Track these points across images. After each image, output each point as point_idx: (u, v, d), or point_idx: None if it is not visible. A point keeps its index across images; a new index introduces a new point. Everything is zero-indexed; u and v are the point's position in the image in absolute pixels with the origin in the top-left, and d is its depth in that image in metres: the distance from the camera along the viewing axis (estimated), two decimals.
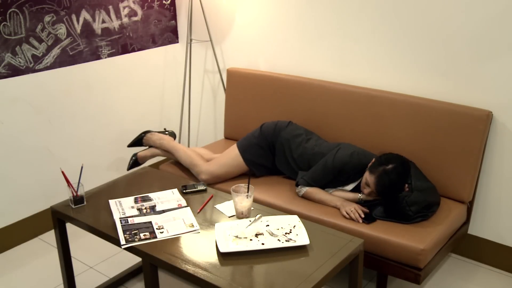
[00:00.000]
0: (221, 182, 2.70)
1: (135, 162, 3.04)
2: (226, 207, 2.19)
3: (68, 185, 2.20)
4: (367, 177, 2.34)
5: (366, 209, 2.35)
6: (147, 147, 3.05)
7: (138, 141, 3.05)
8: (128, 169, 3.04)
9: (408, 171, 2.32)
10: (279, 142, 2.69)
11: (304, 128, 2.75)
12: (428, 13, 2.54)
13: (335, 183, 2.52)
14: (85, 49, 3.10)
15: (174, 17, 3.61)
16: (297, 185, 2.54)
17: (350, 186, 2.50)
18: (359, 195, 2.42)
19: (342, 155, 2.47)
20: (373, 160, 2.38)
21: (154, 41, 3.51)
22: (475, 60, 2.46)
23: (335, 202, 2.41)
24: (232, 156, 2.73)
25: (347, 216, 2.32)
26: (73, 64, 3.06)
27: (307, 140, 2.65)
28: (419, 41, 2.60)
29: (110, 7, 3.18)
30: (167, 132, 3.05)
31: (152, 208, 2.17)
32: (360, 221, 2.29)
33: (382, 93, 2.67)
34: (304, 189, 2.50)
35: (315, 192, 2.48)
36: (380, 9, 2.68)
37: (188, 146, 3.73)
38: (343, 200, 2.41)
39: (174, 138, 3.02)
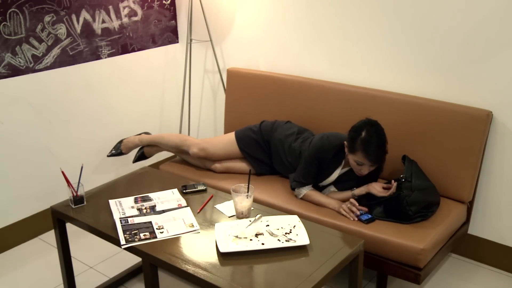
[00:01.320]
0: (212, 161, 2.76)
1: (141, 155, 3.06)
2: (226, 207, 2.19)
3: (68, 185, 2.20)
4: (353, 158, 2.31)
5: (364, 208, 2.34)
6: (148, 155, 3.10)
7: (120, 153, 3.06)
8: (134, 161, 3.09)
9: (378, 123, 2.32)
10: (273, 142, 2.70)
11: (298, 127, 2.75)
12: (428, 13, 2.54)
13: (323, 175, 2.51)
14: (85, 49, 3.10)
15: (174, 17, 3.61)
16: (292, 189, 2.54)
17: (336, 173, 2.49)
18: (352, 192, 2.43)
19: (314, 142, 2.50)
20: (345, 143, 2.36)
21: (154, 41, 3.51)
22: (475, 60, 2.46)
23: (333, 204, 2.40)
24: (227, 139, 2.78)
25: (346, 216, 2.32)
26: (73, 64, 3.06)
27: (296, 140, 2.65)
28: (419, 41, 2.60)
29: (110, 7, 3.18)
30: (141, 133, 3.09)
31: (152, 208, 2.17)
32: (356, 218, 2.29)
33: (382, 93, 2.67)
34: (302, 192, 2.49)
35: (313, 194, 2.47)
36: (380, 9, 2.68)
37: None
38: (340, 202, 2.40)
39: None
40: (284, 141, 2.66)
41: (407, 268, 2.16)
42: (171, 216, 2.11)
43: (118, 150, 3.03)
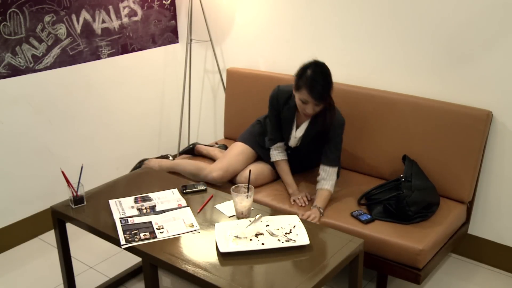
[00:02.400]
0: (233, 177, 2.66)
1: (191, 150, 3.06)
2: (226, 207, 2.19)
3: (68, 185, 2.20)
4: (298, 96, 2.37)
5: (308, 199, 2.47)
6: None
7: (189, 150, 3.07)
8: (181, 153, 3.10)
9: (325, 64, 2.38)
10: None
11: None
12: (428, 13, 2.54)
13: (286, 128, 2.57)
14: (85, 49, 3.10)
15: (174, 17, 3.61)
16: (267, 148, 2.65)
17: (300, 130, 2.54)
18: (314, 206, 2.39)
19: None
20: (293, 84, 2.42)
21: (154, 41, 3.51)
22: (475, 60, 2.46)
23: (290, 188, 2.54)
24: (237, 148, 2.74)
25: (293, 203, 2.47)
26: (73, 64, 3.06)
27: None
28: (418, 41, 2.60)
29: (110, 7, 3.18)
30: (216, 146, 3.06)
31: (152, 208, 2.17)
32: (305, 204, 2.44)
33: (382, 93, 2.67)
34: (273, 155, 2.62)
35: (282, 167, 2.61)
36: (380, 8, 2.68)
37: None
38: (296, 189, 2.53)
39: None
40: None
41: (407, 268, 2.16)
42: (171, 216, 2.11)
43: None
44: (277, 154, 2.62)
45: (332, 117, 2.43)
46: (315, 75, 2.32)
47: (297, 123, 2.56)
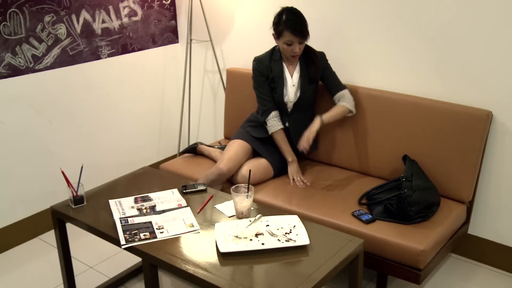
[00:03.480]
0: (232, 177, 2.66)
1: (193, 149, 3.07)
2: (226, 207, 2.19)
3: (68, 185, 2.20)
4: (282, 41, 2.56)
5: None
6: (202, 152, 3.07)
7: (191, 149, 3.08)
8: (183, 152, 3.10)
9: (292, 6, 2.58)
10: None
11: None
12: (428, 13, 2.53)
13: (279, 83, 2.65)
14: (85, 49, 3.10)
15: (174, 17, 3.61)
16: (264, 122, 2.72)
17: (296, 75, 2.67)
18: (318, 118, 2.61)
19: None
20: (273, 34, 2.61)
21: (154, 41, 3.51)
22: (475, 60, 2.46)
23: (289, 156, 2.68)
24: (232, 145, 2.74)
25: (292, 182, 2.64)
26: (73, 64, 3.06)
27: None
28: (419, 41, 2.60)
29: (110, 7, 3.18)
30: (216, 146, 3.04)
31: (152, 208, 2.17)
32: (303, 186, 2.60)
33: (382, 93, 2.67)
34: (271, 126, 2.69)
35: (279, 137, 2.70)
36: (380, 8, 2.68)
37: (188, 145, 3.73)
38: (296, 162, 2.69)
39: None
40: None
41: (407, 268, 2.16)
42: (171, 216, 2.11)
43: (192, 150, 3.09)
44: (274, 124, 2.70)
45: (316, 55, 2.68)
46: (291, 16, 2.53)
47: (289, 72, 2.69)
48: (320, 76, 2.71)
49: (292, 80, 2.67)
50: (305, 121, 2.71)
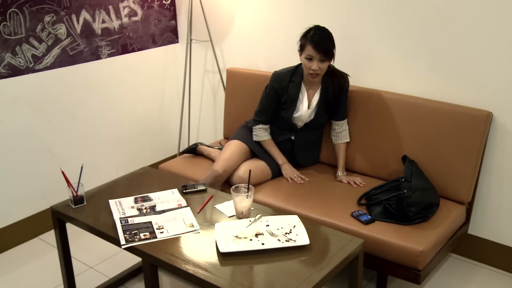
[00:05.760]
0: (230, 177, 2.66)
1: (193, 149, 3.06)
2: (226, 207, 2.19)
3: (68, 185, 2.20)
4: (304, 55, 2.50)
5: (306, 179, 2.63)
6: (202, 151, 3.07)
7: (191, 150, 3.07)
8: (183, 152, 3.10)
9: (324, 27, 2.51)
10: None
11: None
12: (428, 14, 2.54)
13: (290, 103, 2.62)
14: (85, 49, 3.10)
15: (174, 17, 3.61)
16: (250, 128, 2.75)
17: (305, 100, 2.63)
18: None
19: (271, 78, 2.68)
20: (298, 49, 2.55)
21: (154, 41, 3.51)
22: (475, 60, 2.46)
23: (280, 159, 2.69)
24: (230, 145, 2.75)
25: (290, 181, 2.63)
26: (73, 64, 3.06)
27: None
28: (419, 41, 2.60)
29: (110, 7, 3.18)
30: (216, 147, 3.04)
31: (152, 208, 2.17)
32: (303, 182, 2.61)
33: (382, 93, 2.67)
34: (258, 135, 2.72)
35: (268, 143, 2.72)
36: (381, 9, 2.68)
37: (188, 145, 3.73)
38: (287, 163, 2.69)
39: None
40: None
41: (407, 268, 2.16)
42: (171, 216, 2.11)
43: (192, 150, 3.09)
44: (260, 134, 2.73)
45: (341, 82, 2.62)
46: (318, 31, 2.47)
47: (308, 96, 2.64)
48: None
49: (308, 103, 2.64)
50: (312, 138, 2.76)
